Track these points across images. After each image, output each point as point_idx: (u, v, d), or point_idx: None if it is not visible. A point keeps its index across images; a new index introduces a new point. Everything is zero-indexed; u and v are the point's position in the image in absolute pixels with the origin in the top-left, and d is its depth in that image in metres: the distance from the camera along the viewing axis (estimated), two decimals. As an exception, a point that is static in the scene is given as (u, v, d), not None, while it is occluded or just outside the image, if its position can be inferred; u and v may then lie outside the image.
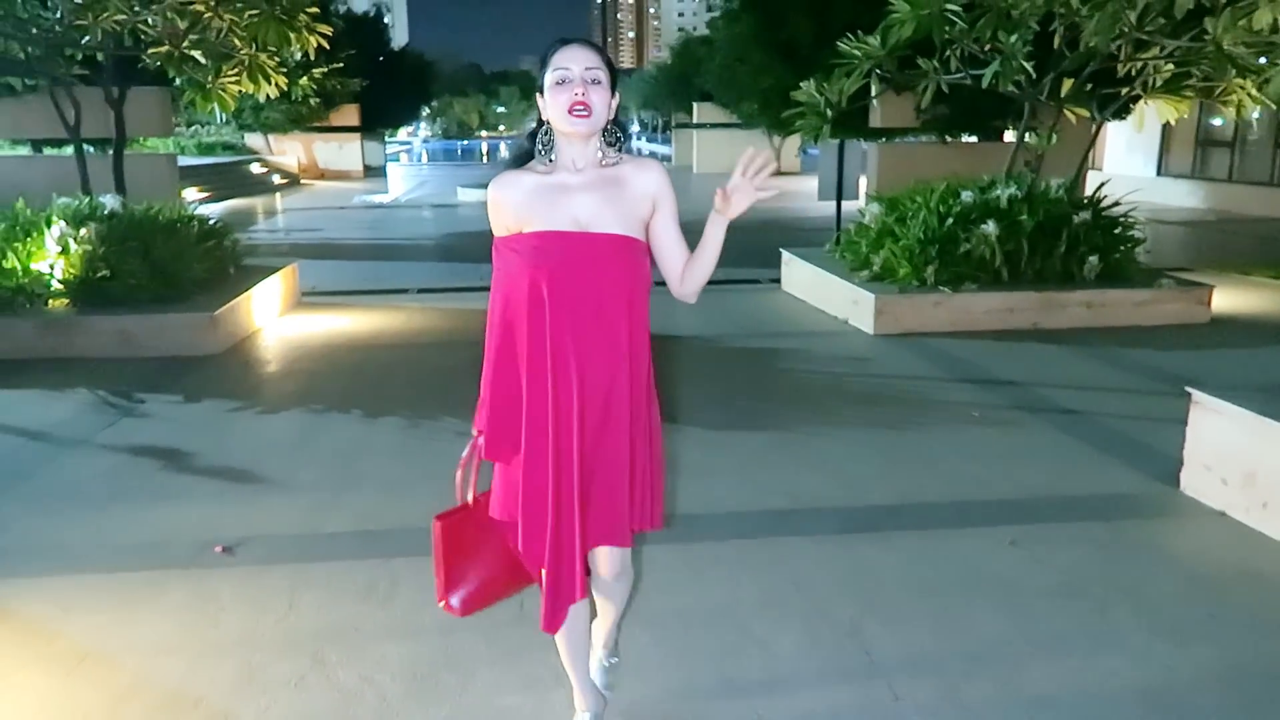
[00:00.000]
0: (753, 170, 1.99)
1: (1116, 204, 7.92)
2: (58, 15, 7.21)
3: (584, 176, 2.04)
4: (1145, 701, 2.47)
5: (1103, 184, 8.22)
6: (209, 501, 3.91)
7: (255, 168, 25.17)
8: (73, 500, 3.92)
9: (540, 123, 2.07)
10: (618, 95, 2.05)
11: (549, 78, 2.00)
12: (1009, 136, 14.09)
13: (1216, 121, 17.62)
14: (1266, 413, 3.49)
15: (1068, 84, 8.27)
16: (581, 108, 1.96)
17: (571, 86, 1.97)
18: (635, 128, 76.32)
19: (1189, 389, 3.85)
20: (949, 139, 14.36)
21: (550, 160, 2.06)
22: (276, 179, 25.27)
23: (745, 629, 2.84)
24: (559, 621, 2.11)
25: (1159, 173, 18.85)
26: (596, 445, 2.08)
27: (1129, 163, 19.48)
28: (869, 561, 3.29)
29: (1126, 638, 2.78)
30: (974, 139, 14.77)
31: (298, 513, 3.77)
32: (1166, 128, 18.20)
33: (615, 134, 2.07)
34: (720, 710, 2.46)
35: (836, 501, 3.85)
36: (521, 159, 2.11)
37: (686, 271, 2.12)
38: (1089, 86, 8.50)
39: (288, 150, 27.67)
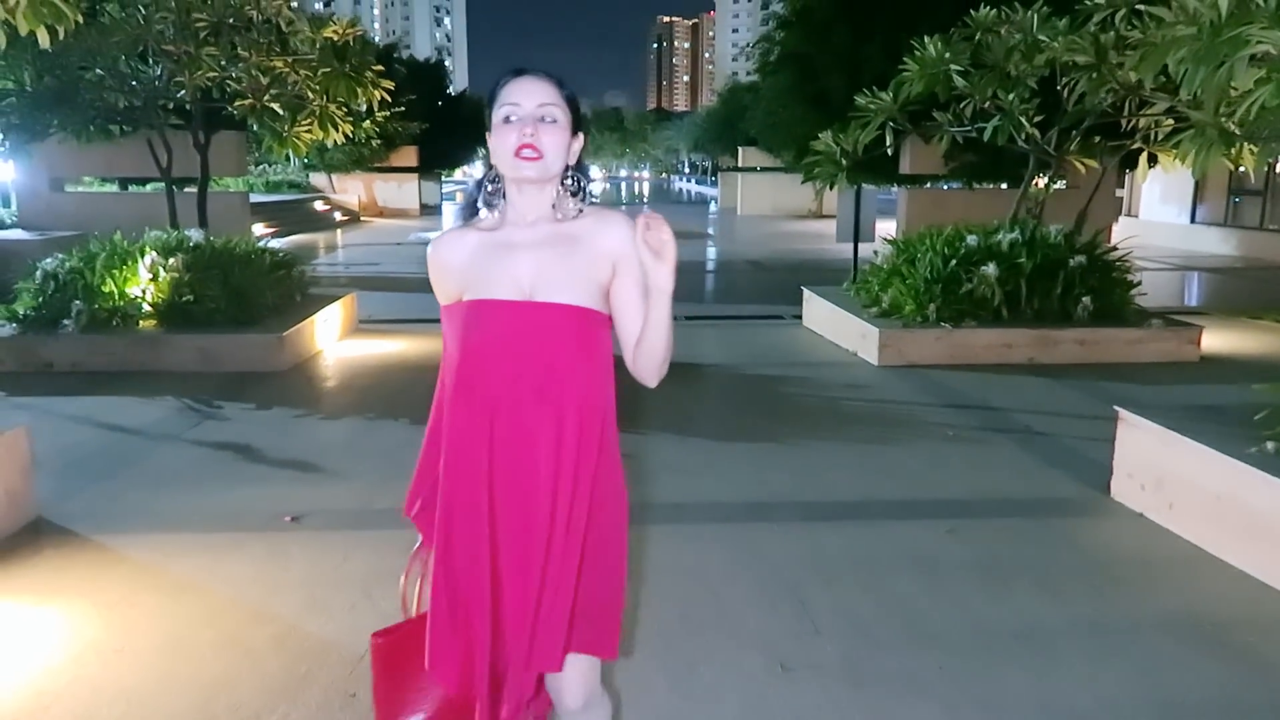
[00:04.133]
0: (644, 230, 1.71)
1: (1114, 249, 8.49)
2: (158, 72, 8.21)
3: (534, 232, 1.78)
4: (1016, 639, 3.09)
5: (1099, 231, 8.78)
6: (278, 484, 4.68)
7: (318, 205, 26.57)
8: (169, 481, 4.73)
9: (489, 168, 1.82)
10: (580, 138, 1.80)
11: (496, 114, 1.74)
12: (1040, 183, 14.70)
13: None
14: (1173, 427, 4.07)
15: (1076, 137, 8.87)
16: (530, 150, 1.70)
17: (520, 125, 1.72)
18: (686, 169, 77.67)
19: (1116, 407, 4.43)
20: (975, 185, 14.93)
21: (496, 213, 1.82)
22: (338, 216, 26.62)
23: (705, 582, 3.51)
24: None
25: (1192, 220, 19.18)
26: (531, 549, 1.78)
27: (1163, 211, 19.84)
28: (821, 542, 3.92)
29: (1016, 598, 3.40)
30: (1003, 185, 15.34)
31: (352, 494, 4.52)
32: (1200, 176, 18.57)
33: (576, 182, 1.80)
34: (676, 635, 3.12)
35: (805, 497, 4.50)
36: (470, 209, 1.88)
37: (637, 351, 1.83)
38: (1096, 139, 9.09)
39: (349, 189, 29.10)
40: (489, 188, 1.82)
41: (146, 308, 7.56)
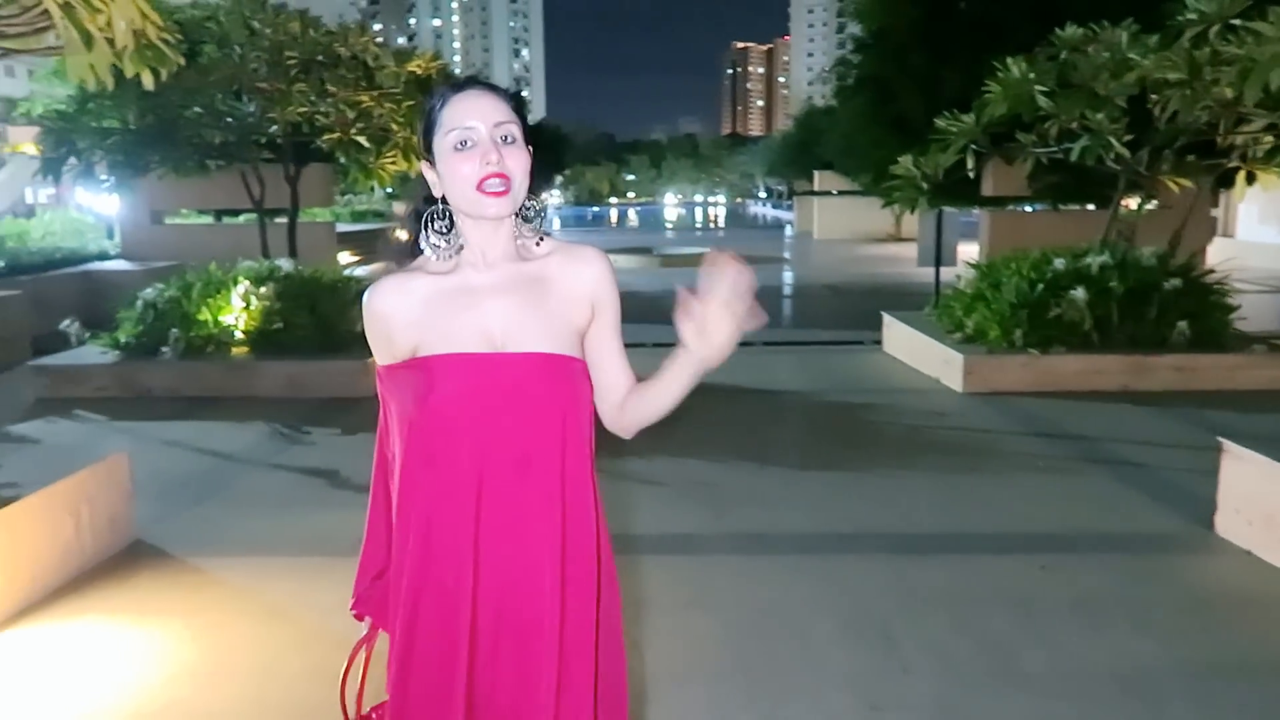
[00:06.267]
0: (730, 287, 1.42)
1: (1211, 271, 8.17)
2: (252, 108, 8.54)
3: (496, 274, 1.55)
4: (1119, 684, 2.95)
5: (1194, 253, 8.46)
6: (364, 509, 4.74)
7: (401, 234, 27.20)
8: (260, 505, 4.86)
9: (428, 200, 1.57)
10: (530, 152, 1.54)
11: (444, 140, 1.49)
12: (1131, 204, 14.26)
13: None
14: (1284, 460, 3.86)
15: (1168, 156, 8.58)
16: (498, 181, 1.47)
17: (480, 151, 1.47)
18: (761, 194, 77.63)
19: (1220, 439, 4.23)
20: (1061, 207, 14.54)
21: (445, 253, 1.56)
22: (404, 235, 27.19)
23: (789, 616, 3.45)
24: None
25: (1293, 240, 18.37)
26: (536, 649, 1.52)
27: (1262, 231, 19.07)
28: (908, 577, 3.82)
29: (1119, 640, 3.25)
30: (1090, 206, 14.90)
31: (435, 521, 4.57)
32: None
33: (532, 208, 1.57)
34: (760, 671, 3.06)
35: (889, 529, 4.40)
36: (412, 253, 1.61)
37: (633, 404, 1.61)
38: (1190, 158, 8.79)
39: (430, 217, 29.69)
40: (435, 224, 1.56)
41: (239, 335, 7.81)
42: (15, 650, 3.29)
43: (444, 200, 1.55)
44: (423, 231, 1.57)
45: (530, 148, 1.55)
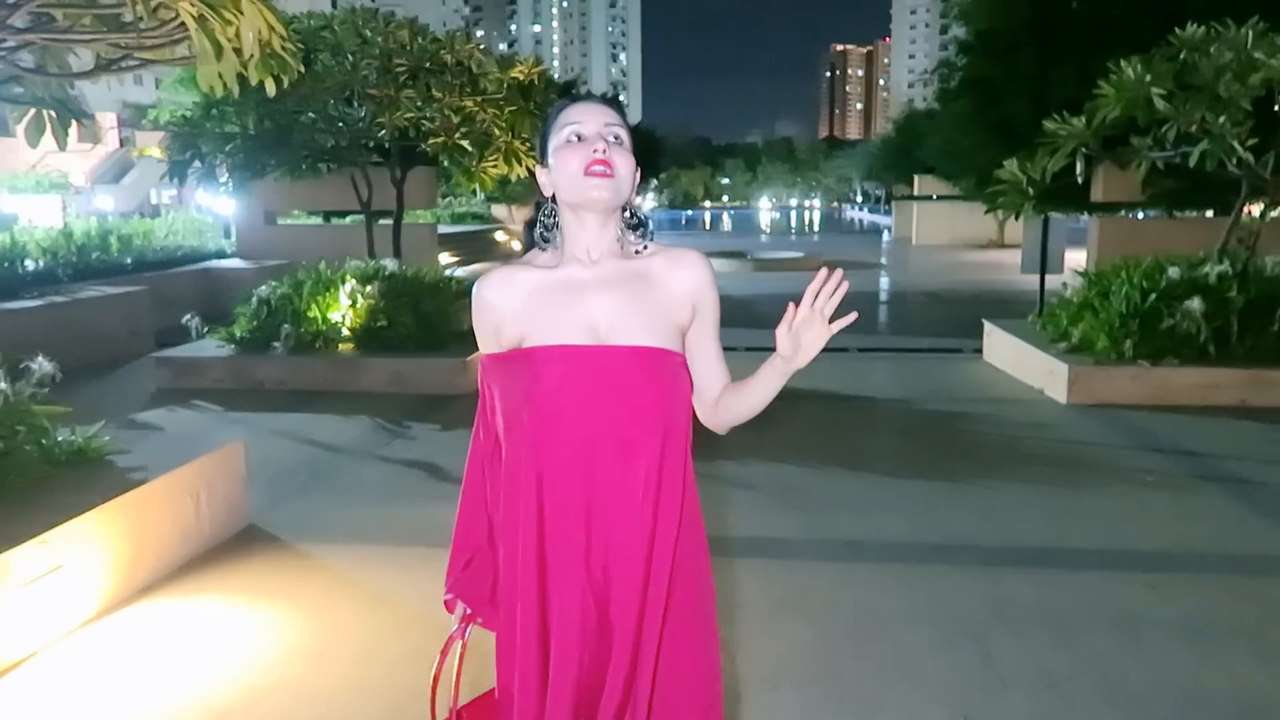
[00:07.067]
0: (825, 295, 1.54)
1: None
2: (362, 114, 8.85)
3: (600, 270, 1.63)
4: (1234, 711, 2.83)
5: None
6: (462, 504, 4.89)
7: (499, 235, 27.78)
8: (363, 496, 5.04)
9: (538, 206, 1.68)
10: (638, 170, 1.66)
11: (556, 139, 1.61)
12: (1253, 211, 13.57)
13: None
14: None
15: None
16: (602, 166, 1.56)
17: (589, 143, 1.58)
18: (858, 198, 76.52)
19: (1348, 458, 4.02)
20: (1176, 214, 13.94)
21: (552, 250, 1.66)
22: (516, 245, 27.75)
23: (883, 624, 3.41)
24: None
25: None
26: (627, 624, 1.57)
27: (1400, 239, 17.89)
28: (1006, 589, 3.74)
29: (1234, 665, 3.11)
30: (1209, 213, 14.24)
31: (530, 516, 4.67)
32: None
33: (636, 216, 1.66)
34: (853, 677, 3.04)
35: (987, 541, 4.30)
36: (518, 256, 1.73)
37: (727, 402, 1.70)
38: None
39: (528, 220, 30.20)
40: (545, 222, 1.66)
41: (345, 332, 8.09)
42: (141, 623, 3.51)
43: (553, 200, 1.65)
44: (537, 224, 1.67)
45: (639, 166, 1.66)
